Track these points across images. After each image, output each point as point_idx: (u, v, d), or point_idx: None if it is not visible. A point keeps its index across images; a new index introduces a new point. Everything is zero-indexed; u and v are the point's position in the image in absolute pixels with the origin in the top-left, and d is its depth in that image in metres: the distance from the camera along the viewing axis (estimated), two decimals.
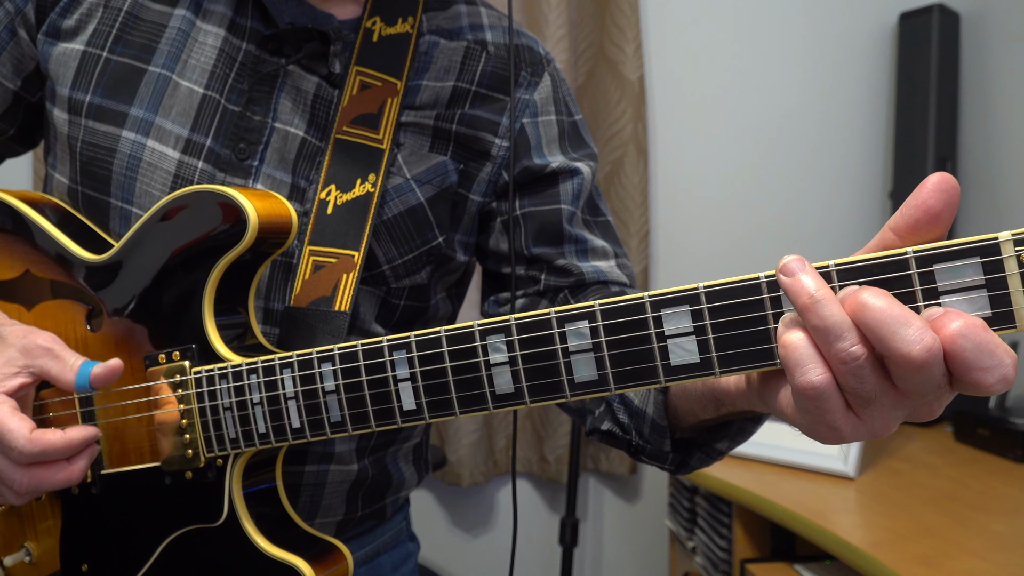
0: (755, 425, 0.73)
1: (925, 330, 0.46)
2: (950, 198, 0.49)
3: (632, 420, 0.78)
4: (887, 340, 0.47)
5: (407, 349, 0.65)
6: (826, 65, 2.28)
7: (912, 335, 0.46)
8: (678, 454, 0.77)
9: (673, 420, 0.75)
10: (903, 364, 0.47)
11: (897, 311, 0.47)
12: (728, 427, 0.73)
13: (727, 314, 0.54)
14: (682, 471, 0.79)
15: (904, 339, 0.46)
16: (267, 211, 0.75)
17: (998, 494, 1.53)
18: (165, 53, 0.86)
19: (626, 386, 0.58)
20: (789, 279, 0.50)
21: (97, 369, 0.73)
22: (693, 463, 0.77)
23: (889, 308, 0.47)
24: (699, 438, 0.76)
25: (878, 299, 0.47)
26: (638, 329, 0.57)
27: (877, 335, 0.47)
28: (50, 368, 0.74)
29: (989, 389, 0.46)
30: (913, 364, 0.46)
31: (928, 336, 0.46)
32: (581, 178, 0.94)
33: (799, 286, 0.50)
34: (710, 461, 0.77)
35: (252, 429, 0.73)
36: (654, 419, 0.75)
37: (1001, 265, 0.47)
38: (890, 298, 0.48)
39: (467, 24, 0.95)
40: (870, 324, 0.47)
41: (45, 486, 0.74)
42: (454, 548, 2.52)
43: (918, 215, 0.50)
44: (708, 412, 0.69)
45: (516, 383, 0.62)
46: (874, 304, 0.47)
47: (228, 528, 0.75)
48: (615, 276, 0.94)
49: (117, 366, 0.74)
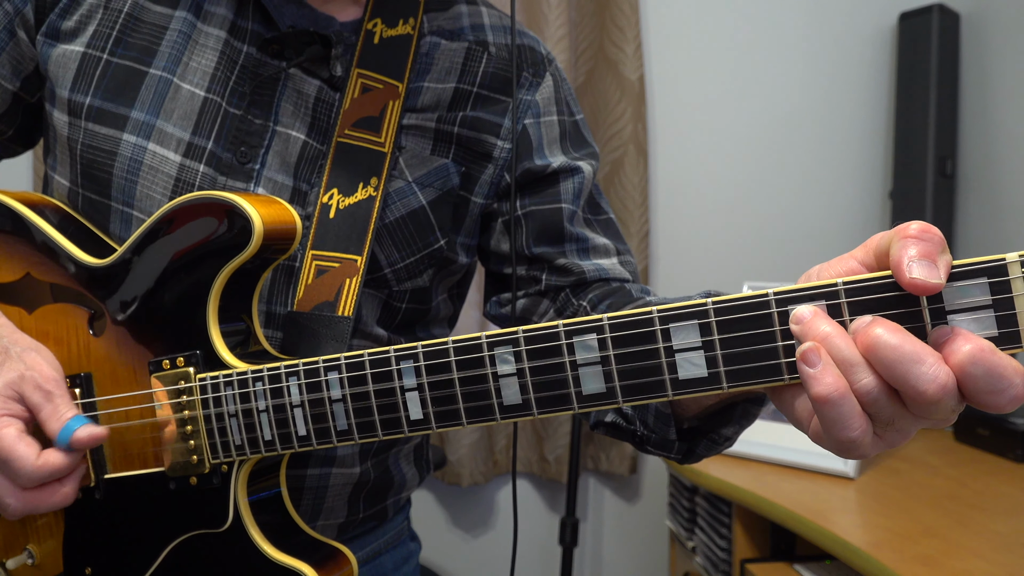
0: (759, 407, 0.72)
1: (939, 366, 0.47)
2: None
3: (636, 410, 0.78)
4: (901, 378, 0.48)
5: (414, 359, 0.65)
6: (826, 65, 2.28)
7: (927, 373, 0.47)
8: (684, 443, 0.77)
9: (677, 408, 0.75)
10: (918, 400, 0.48)
11: (909, 348, 0.48)
12: (732, 411, 0.73)
13: (735, 329, 0.55)
14: (689, 460, 0.79)
15: (918, 377, 0.47)
16: (272, 217, 0.75)
17: (998, 494, 1.54)
18: (166, 56, 0.86)
19: (634, 399, 0.58)
20: (799, 327, 0.52)
21: (80, 433, 0.73)
22: (700, 451, 0.77)
23: (902, 346, 0.48)
24: (704, 425, 0.76)
25: (891, 336, 0.48)
26: (646, 343, 0.57)
27: (891, 373, 0.48)
28: (42, 410, 0.74)
29: (1001, 409, 0.47)
30: (927, 400, 0.48)
31: (942, 373, 0.47)
32: (582, 177, 0.94)
33: (808, 328, 0.51)
34: (717, 448, 0.77)
35: (258, 436, 0.73)
36: (658, 407, 0.75)
37: (1008, 286, 0.48)
38: (902, 334, 0.49)
39: (468, 24, 0.95)
40: (883, 362, 0.49)
41: (40, 509, 0.74)
42: (454, 548, 2.52)
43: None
44: (711, 398, 0.69)
45: (524, 395, 0.61)
46: (887, 342, 0.48)
47: (233, 534, 0.75)
48: (617, 273, 0.94)
49: (101, 435, 0.74)
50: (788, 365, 0.54)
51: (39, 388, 0.74)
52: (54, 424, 0.73)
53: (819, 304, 0.52)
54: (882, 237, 0.52)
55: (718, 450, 0.77)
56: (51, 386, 0.75)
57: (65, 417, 0.74)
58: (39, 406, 0.74)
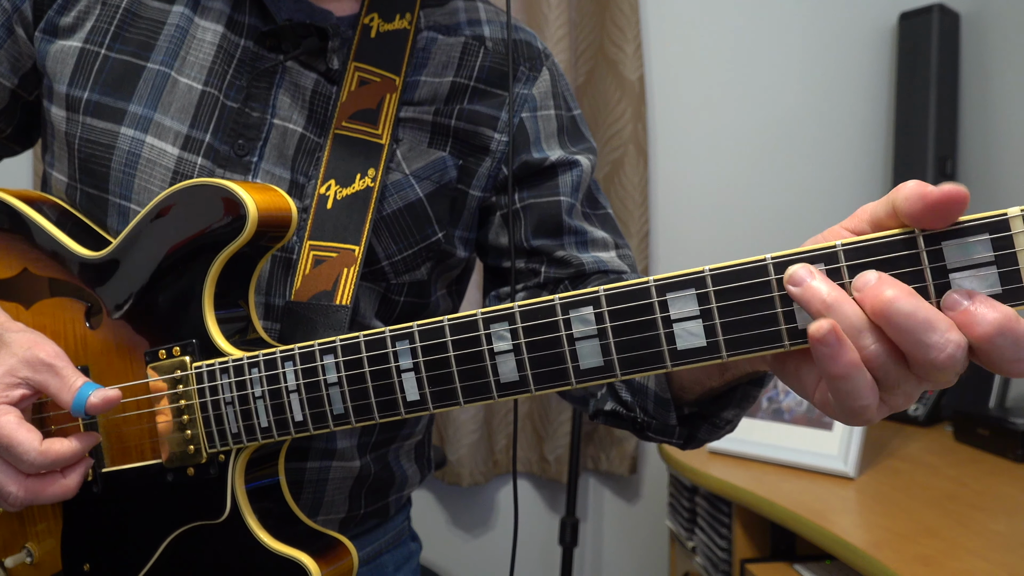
0: (758, 389, 0.72)
1: (950, 334, 0.47)
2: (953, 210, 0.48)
3: (635, 397, 0.78)
4: (913, 347, 0.48)
5: (410, 339, 0.65)
6: (826, 65, 2.28)
7: (938, 342, 0.47)
8: (684, 427, 0.76)
9: (678, 392, 0.74)
10: (927, 366, 0.48)
11: (923, 316, 0.47)
12: (732, 394, 0.73)
13: (733, 297, 0.54)
14: (691, 445, 0.78)
15: (930, 346, 0.47)
16: (267, 204, 0.75)
17: (998, 494, 1.53)
18: (163, 50, 0.86)
19: (632, 372, 0.58)
20: (799, 288, 0.50)
21: (95, 397, 0.72)
22: (701, 435, 0.76)
23: (915, 313, 0.47)
24: (704, 409, 0.75)
25: (905, 302, 0.47)
26: (643, 314, 0.56)
27: (902, 338, 0.48)
28: (49, 384, 0.73)
29: (1019, 375, 0.47)
30: (936, 367, 0.47)
31: (952, 343, 0.47)
32: (580, 170, 0.94)
33: (810, 293, 0.50)
34: (719, 432, 0.76)
35: (254, 423, 0.73)
36: (656, 392, 0.75)
37: (1011, 241, 0.47)
38: (916, 299, 0.48)
39: (465, 20, 0.95)
40: (896, 327, 0.48)
41: (41, 499, 0.74)
42: (454, 548, 2.52)
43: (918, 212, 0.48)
44: (714, 380, 0.69)
45: (521, 371, 0.61)
46: (900, 309, 0.47)
47: (231, 524, 0.75)
48: (616, 266, 0.94)
49: (116, 396, 0.74)
50: (789, 331, 0.53)
51: (42, 364, 0.73)
52: (66, 395, 0.73)
53: (819, 267, 0.51)
54: (876, 204, 0.51)
55: (720, 434, 0.76)
56: (52, 359, 0.74)
57: (75, 386, 0.73)
58: (45, 382, 0.73)
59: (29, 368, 0.74)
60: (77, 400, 0.72)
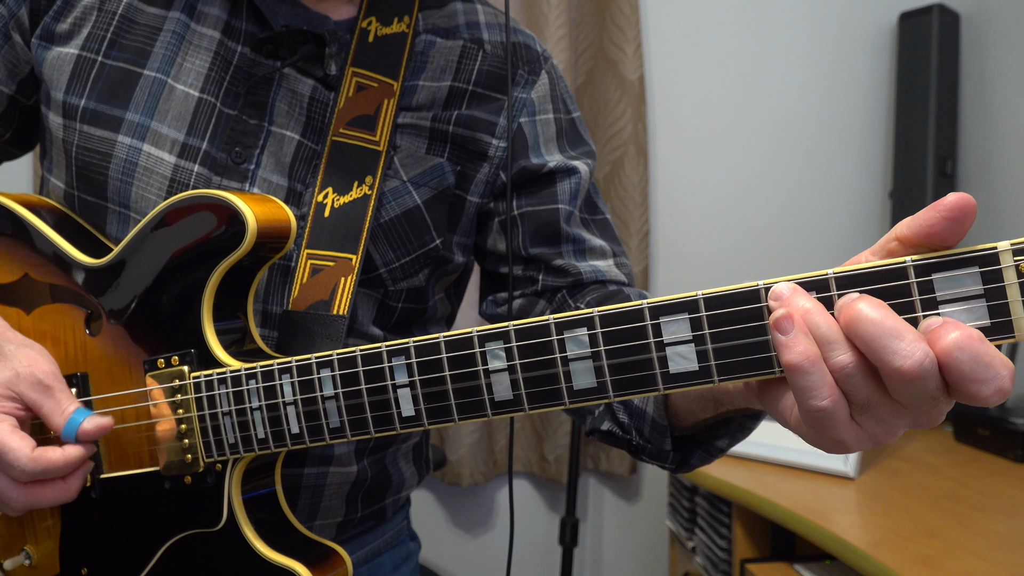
0: (755, 422, 0.73)
1: (917, 343, 0.46)
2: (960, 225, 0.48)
3: (632, 420, 0.78)
4: (879, 353, 0.47)
5: (406, 355, 0.65)
6: (826, 65, 2.27)
7: (904, 349, 0.46)
8: (679, 453, 0.77)
9: (672, 419, 0.75)
10: (895, 377, 0.47)
11: (890, 324, 0.47)
12: (728, 424, 0.73)
13: (726, 322, 0.54)
14: (683, 470, 0.79)
15: (896, 353, 0.47)
16: (266, 215, 0.75)
17: (998, 494, 1.53)
18: (160, 57, 0.86)
19: (625, 394, 0.58)
20: (778, 303, 0.52)
21: (88, 424, 0.73)
22: (694, 461, 0.77)
23: (882, 321, 0.47)
24: (699, 436, 0.76)
25: (872, 311, 0.48)
26: (637, 337, 0.57)
27: (869, 347, 0.48)
28: (43, 406, 0.74)
29: (985, 400, 0.46)
30: (904, 378, 0.47)
31: (919, 351, 0.46)
32: (579, 177, 0.94)
33: (787, 306, 0.51)
34: (711, 459, 0.77)
35: (251, 435, 0.73)
36: (654, 418, 0.75)
37: (1000, 275, 0.47)
38: (884, 310, 0.48)
39: (463, 23, 0.95)
40: (863, 336, 0.48)
41: (40, 503, 0.74)
42: (454, 548, 2.52)
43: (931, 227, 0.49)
44: (707, 412, 0.69)
45: (515, 390, 0.61)
46: (867, 316, 0.48)
47: (227, 533, 0.75)
48: (613, 275, 0.94)
49: (107, 424, 0.74)
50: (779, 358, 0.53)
51: (38, 384, 0.74)
52: (58, 419, 0.73)
53: (811, 295, 0.51)
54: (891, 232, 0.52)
55: (711, 460, 0.77)
56: (50, 380, 0.74)
57: (68, 411, 0.73)
58: (39, 403, 0.74)
59: (26, 385, 0.74)
60: (68, 425, 0.73)
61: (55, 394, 0.74)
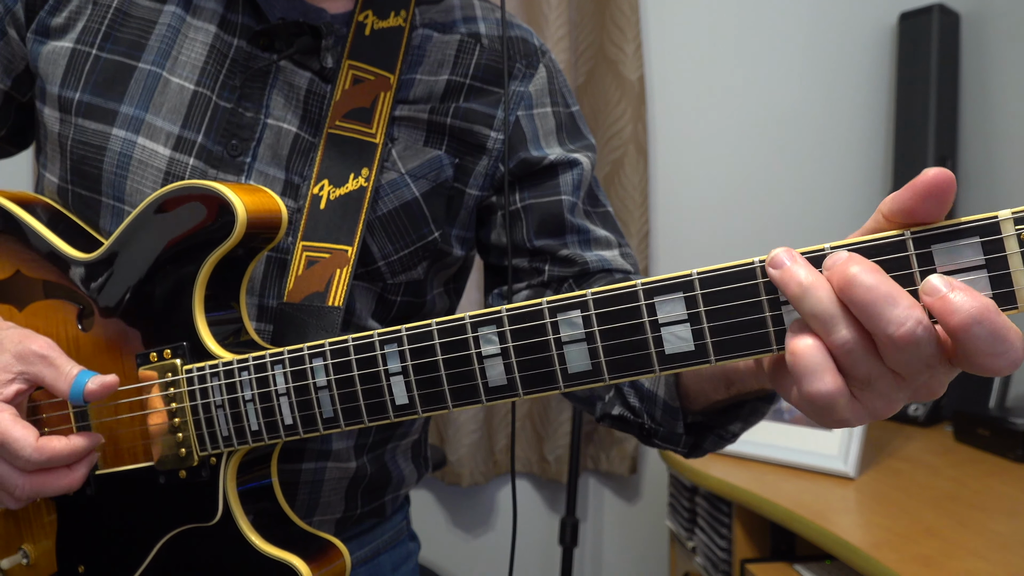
0: (767, 405, 0.72)
1: (912, 310, 0.46)
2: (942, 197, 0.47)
3: (643, 403, 0.78)
4: (873, 319, 0.46)
5: (398, 342, 0.65)
6: (826, 65, 2.27)
7: (898, 316, 0.46)
8: (691, 436, 0.76)
9: (684, 402, 0.74)
10: (888, 344, 0.47)
11: (883, 289, 0.46)
12: (741, 408, 0.72)
13: (721, 300, 0.53)
14: (695, 454, 0.78)
15: (889, 320, 0.46)
16: (256, 205, 0.74)
17: (998, 494, 1.53)
18: (155, 50, 0.86)
19: (620, 376, 0.57)
20: (778, 271, 0.50)
21: (92, 384, 0.72)
22: (707, 446, 0.77)
23: (876, 286, 0.46)
24: (712, 420, 0.75)
25: (865, 276, 0.47)
26: (631, 318, 0.56)
27: (864, 314, 0.47)
28: (45, 375, 0.73)
29: (998, 372, 0.46)
30: (898, 344, 0.46)
31: (913, 318, 0.45)
32: (581, 169, 0.94)
33: (788, 276, 0.50)
34: (723, 444, 0.76)
35: (244, 426, 0.72)
36: (666, 401, 0.74)
37: (1001, 244, 0.46)
38: (877, 274, 0.47)
39: (460, 17, 0.95)
40: (856, 302, 0.47)
41: (45, 492, 0.73)
42: (454, 548, 2.52)
43: (910, 206, 0.48)
44: (719, 393, 0.68)
45: (509, 375, 0.61)
46: (861, 282, 0.47)
47: (223, 527, 0.75)
48: (619, 264, 0.94)
49: (113, 382, 0.73)
50: (777, 334, 0.52)
51: (35, 356, 0.73)
52: (62, 384, 0.73)
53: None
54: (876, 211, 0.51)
55: (724, 445, 0.77)
56: (45, 350, 0.74)
57: (71, 375, 0.73)
58: (40, 373, 0.73)
59: (22, 362, 0.73)
60: (75, 387, 0.72)
61: (54, 361, 0.73)
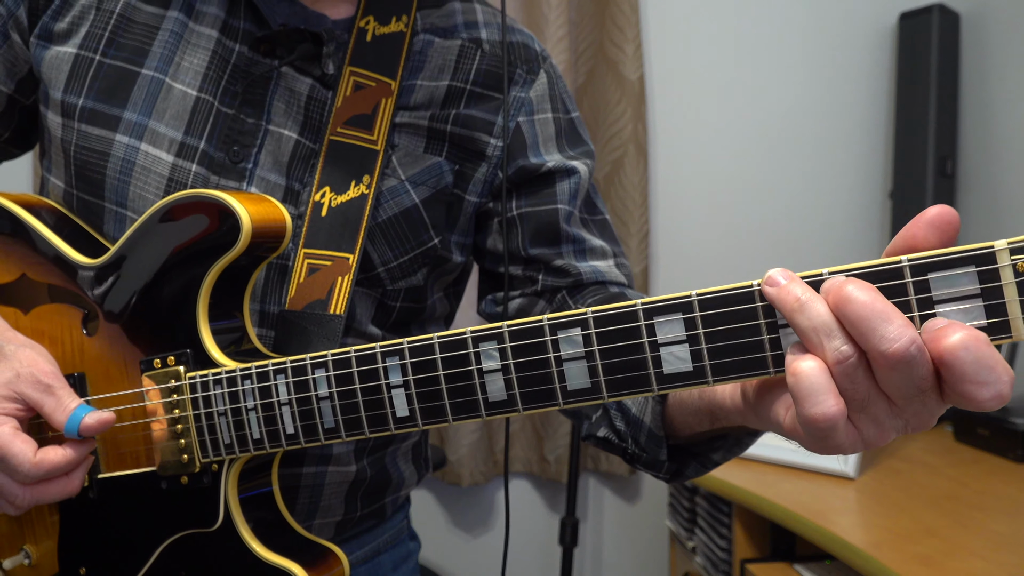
0: (752, 439, 0.72)
1: (905, 328, 0.46)
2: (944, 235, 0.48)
3: (629, 428, 0.78)
4: (867, 336, 0.47)
5: (400, 356, 0.65)
6: (826, 65, 2.27)
7: (892, 332, 0.46)
8: (674, 463, 0.77)
9: (668, 431, 0.75)
10: (881, 362, 0.47)
11: (879, 307, 0.46)
12: (725, 439, 0.73)
13: (720, 322, 0.54)
14: (676, 480, 0.79)
15: (882, 337, 0.46)
16: (261, 215, 0.75)
17: (998, 494, 1.53)
18: (158, 56, 0.86)
19: (619, 394, 0.58)
20: (774, 289, 0.51)
21: (89, 419, 0.73)
22: (688, 472, 0.77)
23: (871, 303, 0.47)
24: (695, 448, 0.76)
25: (861, 293, 0.47)
26: (631, 337, 0.57)
27: (858, 331, 0.47)
28: (44, 404, 0.74)
29: (982, 404, 0.46)
30: (889, 362, 0.46)
31: (906, 336, 0.46)
32: (578, 177, 0.94)
33: (784, 293, 0.50)
34: (705, 471, 0.77)
35: (247, 434, 0.73)
36: (651, 429, 0.75)
37: (997, 274, 0.46)
38: (873, 293, 0.47)
39: (462, 22, 0.95)
40: (851, 319, 0.47)
41: (45, 500, 0.75)
42: (454, 548, 2.52)
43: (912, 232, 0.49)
44: (703, 426, 0.69)
45: (509, 390, 0.61)
46: (856, 298, 0.47)
47: (224, 533, 0.75)
48: (613, 276, 0.94)
49: (110, 419, 0.74)
50: (774, 358, 0.52)
51: (38, 383, 0.74)
52: (59, 416, 0.74)
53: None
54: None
55: (705, 472, 0.77)
56: (50, 379, 0.75)
57: (70, 407, 0.74)
58: (40, 401, 0.74)
59: (27, 385, 0.75)
60: (70, 422, 0.73)
61: (56, 392, 0.75)
